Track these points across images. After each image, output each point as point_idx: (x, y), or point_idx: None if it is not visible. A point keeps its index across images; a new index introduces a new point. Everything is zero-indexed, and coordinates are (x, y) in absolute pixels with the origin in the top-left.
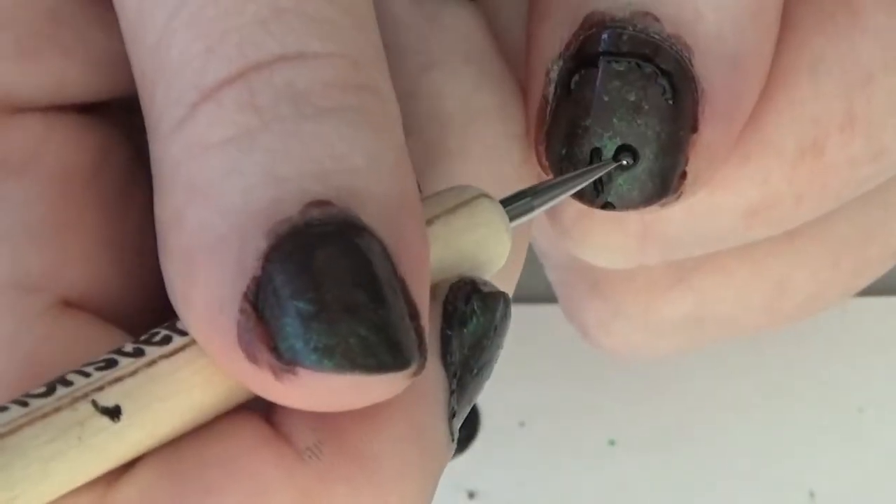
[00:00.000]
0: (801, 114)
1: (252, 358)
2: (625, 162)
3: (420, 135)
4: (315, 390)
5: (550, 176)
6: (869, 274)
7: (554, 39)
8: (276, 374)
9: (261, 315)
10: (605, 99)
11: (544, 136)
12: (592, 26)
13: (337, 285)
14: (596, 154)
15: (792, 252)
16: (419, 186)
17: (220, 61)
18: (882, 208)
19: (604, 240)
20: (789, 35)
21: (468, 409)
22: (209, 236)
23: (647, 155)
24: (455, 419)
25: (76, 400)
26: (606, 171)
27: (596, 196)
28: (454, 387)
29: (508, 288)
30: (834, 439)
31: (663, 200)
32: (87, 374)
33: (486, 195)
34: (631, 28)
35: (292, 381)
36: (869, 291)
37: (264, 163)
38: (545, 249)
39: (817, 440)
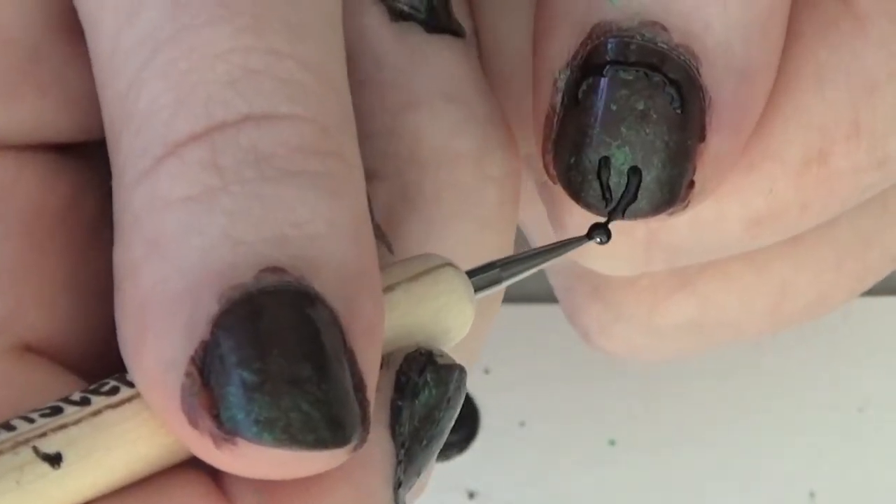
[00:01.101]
0: (807, 123)
1: (193, 423)
2: (598, 240)
3: (397, 176)
4: (254, 461)
5: (558, 185)
6: (870, 279)
7: (561, 48)
8: (217, 442)
9: (206, 381)
10: (613, 108)
11: (552, 146)
12: (600, 36)
13: (283, 356)
14: (604, 163)
15: (795, 256)
16: (390, 243)
17: (187, 116)
18: (882, 213)
19: (608, 248)
20: (794, 44)
21: (416, 480)
22: (163, 294)
23: (656, 164)
24: (401, 489)
25: (17, 445)
26: (579, 245)
27: (604, 206)
28: (402, 457)
29: (474, 351)
30: (834, 439)
31: (671, 210)
32: (31, 420)
33: (451, 264)
34: (639, 37)
35: (232, 450)
36: (869, 291)
37: (223, 224)
38: None
39: (817, 440)
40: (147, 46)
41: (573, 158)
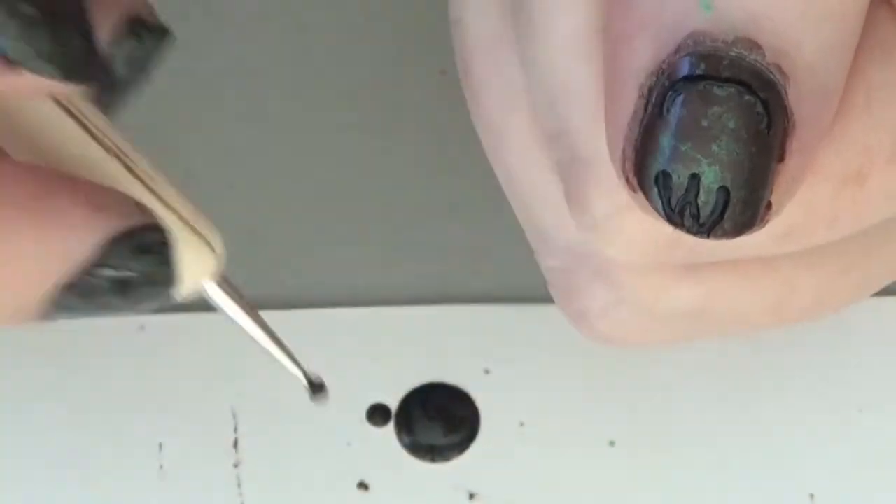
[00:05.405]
0: (852, 141)
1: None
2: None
3: None
4: None
5: (639, 194)
6: (871, 288)
7: (647, 54)
8: None
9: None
10: (705, 124)
11: (634, 154)
12: (693, 47)
13: None
14: (693, 180)
15: (804, 258)
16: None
17: None
18: (888, 227)
19: (635, 239)
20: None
21: None
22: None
23: (744, 185)
24: None
25: None
26: (295, 372)
27: (692, 224)
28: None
29: None
30: (834, 441)
31: (751, 231)
32: None
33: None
34: (733, 53)
35: None
36: None
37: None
38: (548, 231)
39: (817, 441)
40: None
41: (662, 173)
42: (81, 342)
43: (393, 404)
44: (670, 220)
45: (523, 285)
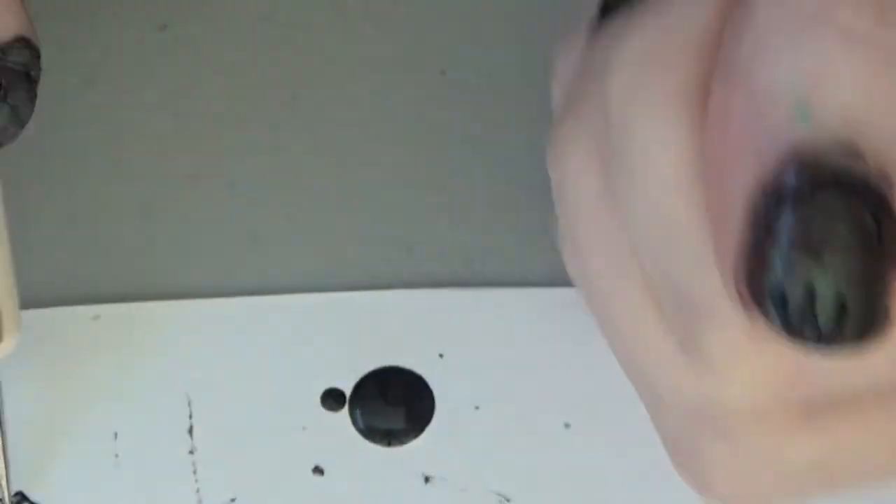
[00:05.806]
0: None
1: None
2: None
3: None
4: None
5: (756, 313)
6: None
7: (751, 173)
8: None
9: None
10: (815, 237)
11: (747, 274)
12: (795, 160)
13: None
14: (809, 293)
15: None
16: None
17: None
18: None
19: (754, 378)
20: None
21: None
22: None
23: (861, 296)
24: None
25: None
26: None
27: (815, 339)
28: None
29: None
30: None
31: (874, 341)
32: None
33: None
34: (835, 162)
35: None
36: None
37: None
38: (663, 392)
39: None
40: None
41: (776, 289)
42: (35, 331)
43: (347, 389)
44: (790, 334)
45: (479, 270)
